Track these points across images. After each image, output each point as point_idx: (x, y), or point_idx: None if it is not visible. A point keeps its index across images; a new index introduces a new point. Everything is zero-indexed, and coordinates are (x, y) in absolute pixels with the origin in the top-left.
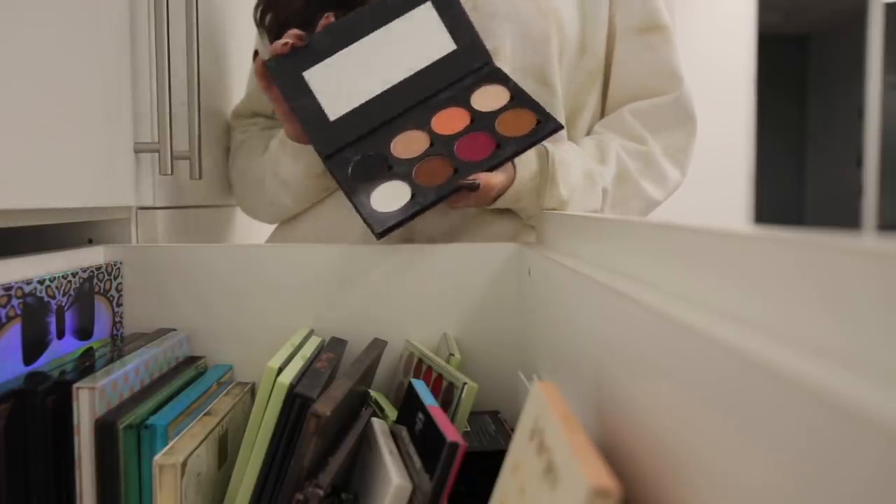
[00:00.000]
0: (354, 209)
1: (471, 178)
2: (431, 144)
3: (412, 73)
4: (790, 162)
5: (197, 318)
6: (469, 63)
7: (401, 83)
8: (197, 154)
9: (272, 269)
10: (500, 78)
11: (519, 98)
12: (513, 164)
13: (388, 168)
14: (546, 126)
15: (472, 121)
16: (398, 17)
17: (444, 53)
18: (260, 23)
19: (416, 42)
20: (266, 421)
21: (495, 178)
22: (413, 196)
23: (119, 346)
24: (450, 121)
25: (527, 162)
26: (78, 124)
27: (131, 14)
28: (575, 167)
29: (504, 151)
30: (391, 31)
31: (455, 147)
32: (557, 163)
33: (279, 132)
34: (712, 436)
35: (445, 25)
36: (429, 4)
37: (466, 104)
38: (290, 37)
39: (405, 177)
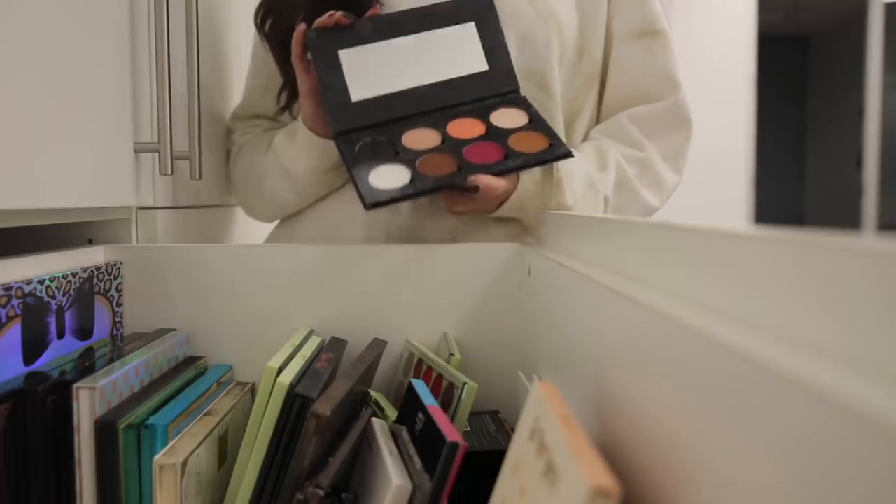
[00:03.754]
0: (352, 182)
1: (472, 179)
2: (442, 142)
3: (440, 80)
4: (790, 162)
5: (197, 318)
6: (498, 86)
7: (427, 86)
8: (197, 154)
9: (272, 269)
10: (523, 104)
11: (536, 123)
12: (516, 173)
13: (394, 153)
14: (557, 150)
15: (486, 132)
16: (441, 27)
17: (475, 71)
18: (260, 27)
19: (451, 54)
20: (266, 421)
21: (496, 182)
22: (412, 181)
23: (119, 346)
24: (465, 128)
25: (531, 170)
26: (78, 124)
27: (131, 14)
28: (578, 175)
29: (511, 162)
30: (431, 38)
31: (464, 150)
32: (562, 170)
33: (282, 130)
34: (712, 435)
35: (483, 46)
36: (472, 24)
37: (485, 118)
38: (337, 14)
39: (409, 163)
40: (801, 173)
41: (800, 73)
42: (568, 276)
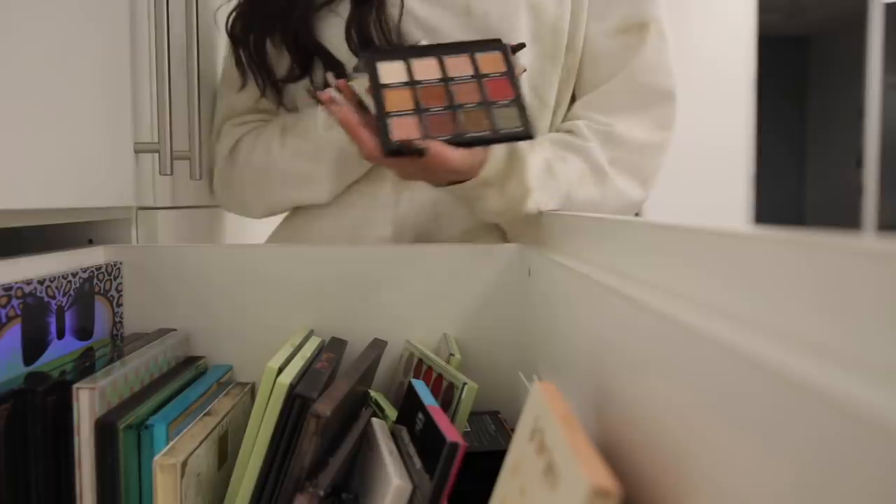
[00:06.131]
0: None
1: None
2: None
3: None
4: (790, 162)
5: (197, 318)
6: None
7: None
8: (197, 154)
9: (272, 269)
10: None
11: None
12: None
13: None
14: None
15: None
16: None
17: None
18: (236, 36)
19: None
20: (266, 421)
21: (449, 152)
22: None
23: (119, 346)
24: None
25: (495, 157)
26: (78, 124)
27: (131, 14)
28: (537, 161)
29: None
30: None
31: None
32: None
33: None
34: (712, 436)
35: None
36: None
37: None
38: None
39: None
40: (801, 173)
41: (800, 73)
42: (568, 276)
